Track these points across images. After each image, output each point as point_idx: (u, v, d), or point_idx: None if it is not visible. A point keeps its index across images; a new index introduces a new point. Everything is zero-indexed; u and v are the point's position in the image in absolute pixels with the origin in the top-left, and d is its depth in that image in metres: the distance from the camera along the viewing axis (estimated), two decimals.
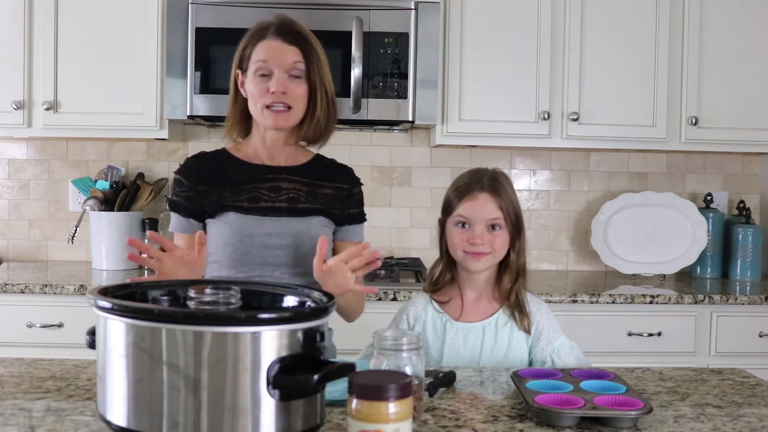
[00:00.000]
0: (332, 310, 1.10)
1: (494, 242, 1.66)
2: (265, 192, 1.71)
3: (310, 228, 1.70)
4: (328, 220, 1.75)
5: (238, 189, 1.71)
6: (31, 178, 3.17)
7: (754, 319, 2.67)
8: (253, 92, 1.67)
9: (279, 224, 1.69)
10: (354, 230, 1.80)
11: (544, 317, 1.70)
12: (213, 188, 1.71)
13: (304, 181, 1.74)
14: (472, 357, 1.67)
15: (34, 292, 2.55)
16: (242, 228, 1.68)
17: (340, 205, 1.77)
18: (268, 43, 1.67)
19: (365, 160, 3.18)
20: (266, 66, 1.66)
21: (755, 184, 3.29)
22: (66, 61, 2.79)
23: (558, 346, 1.67)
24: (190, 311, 1.07)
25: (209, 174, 1.73)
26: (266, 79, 1.66)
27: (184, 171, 1.75)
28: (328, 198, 1.75)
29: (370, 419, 0.97)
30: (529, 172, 3.24)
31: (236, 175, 1.73)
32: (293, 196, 1.72)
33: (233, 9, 2.64)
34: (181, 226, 1.73)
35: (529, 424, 1.20)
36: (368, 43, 2.67)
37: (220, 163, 1.75)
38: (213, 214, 1.70)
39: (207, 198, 1.71)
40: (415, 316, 1.75)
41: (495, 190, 1.67)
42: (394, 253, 3.19)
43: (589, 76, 2.85)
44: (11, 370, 1.46)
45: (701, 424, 1.22)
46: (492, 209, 1.66)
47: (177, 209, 1.73)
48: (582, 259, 3.25)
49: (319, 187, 1.75)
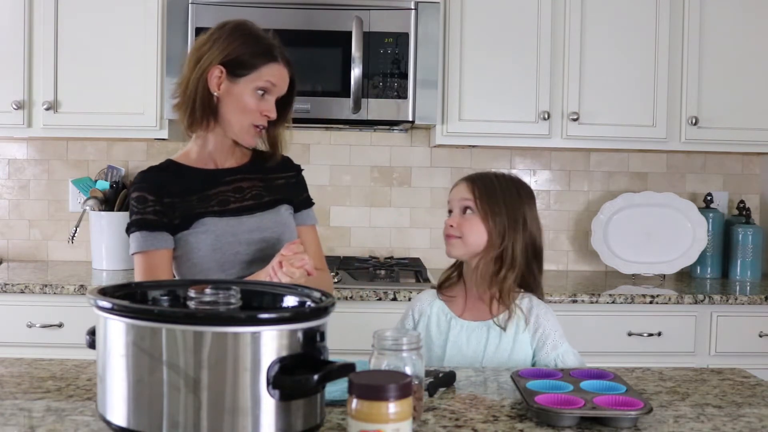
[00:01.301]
0: (332, 310, 1.10)
1: (463, 225, 1.67)
2: (231, 194, 1.74)
3: (281, 217, 1.78)
4: (290, 206, 1.82)
5: (204, 196, 1.71)
6: (31, 178, 3.17)
7: (754, 319, 2.67)
8: (247, 105, 1.68)
9: (255, 220, 1.73)
10: (307, 214, 1.87)
11: (550, 322, 1.69)
12: (178, 199, 1.69)
13: (258, 177, 1.79)
14: (475, 356, 1.66)
15: (34, 292, 2.55)
16: (224, 230, 1.69)
17: (293, 191, 1.84)
18: (279, 68, 1.71)
19: (365, 160, 3.18)
20: (273, 89, 1.70)
21: (755, 184, 3.29)
22: (66, 61, 2.79)
23: (563, 351, 1.66)
24: (190, 311, 1.07)
25: (170, 186, 1.70)
26: (263, 100, 1.69)
27: (145, 187, 1.69)
28: (283, 187, 1.82)
29: (370, 419, 0.97)
30: (529, 172, 3.24)
31: (197, 184, 1.72)
32: (256, 192, 1.77)
33: (233, 9, 2.64)
34: (152, 242, 1.65)
35: (529, 424, 1.20)
36: (368, 43, 2.67)
37: (174, 175, 1.73)
38: (186, 225, 1.68)
39: (175, 210, 1.68)
40: (420, 311, 1.76)
41: (474, 179, 1.71)
42: (394, 253, 3.19)
43: (589, 76, 2.85)
44: (11, 370, 1.46)
45: (701, 424, 1.22)
46: (463, 191, 1.69)
47: (146, 226, 1.66)
48: (582, 259, 3.25)
49: (272, 179, 1.81)
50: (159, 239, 1.66)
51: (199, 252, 1.68)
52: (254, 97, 1.68)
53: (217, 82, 1.68)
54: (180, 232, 1.68)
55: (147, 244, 1.66)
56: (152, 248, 1.66)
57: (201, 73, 1.68)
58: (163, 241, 1.67)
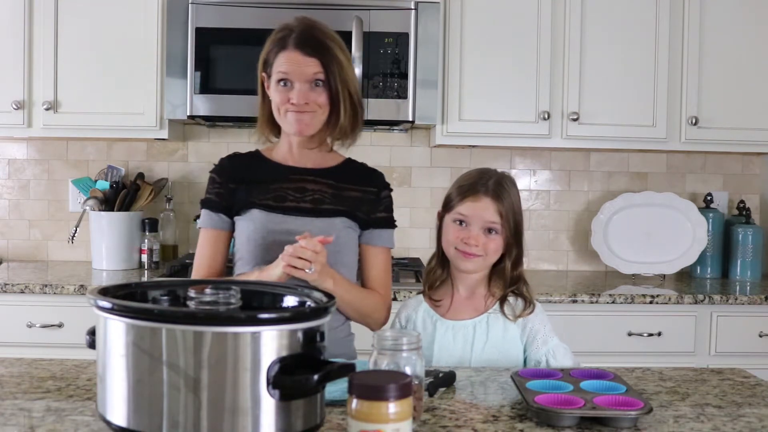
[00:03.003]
0: (332, 310, 1.10)
1: (488, 246, 1.66)
2: (291, 192, 1.74)
3: (332, 228, 1.70)
4: (353, 222, 1.75)
5: (265, 188, 1.74)
6: (31, 178, 3.17)
7: (754, 319, 2.67)
8: (276, 100, 1.70)
9: (301, 223, 1.70)
10: (379, 234, 1.79)
11: (539, 317, 1.70)
12: (243, 186, 1.75)
13: (330, 183, 1.76)
14: (463, 355, 1.67)
15: (34, 292, 2.55)
16: (264, 224, 1.71)
17: (366, 208, 1.77)
18: (289, 55, 1.67)
19: (365, 160, 3.12)
20: (287, 78, 1.68)
21: (755, 184, 3.29)
22: (66, 61, 2.79)
23: (553, 346, 1.67)
24: (190, 311, 1.07)
25: (240, 172, 1.77)
26: (288, 89, 1.68)
27: (217, 170, 1.80)
28: (354, 200, 1.76)
29: (370, 419, 0.97)
30: (529, 172, 3.24)
31: (265, 175, 1.76)
32: (318, 197, 1.74)
33: (233, 9, 2.64)
34: (211, 221, 1.77)
35: (529, 424, 1.20)
36: (368, 43, 2.67)
37: (251, 163, 1.80)
38: (240, 211, 1.74)
39: (236, 195, 1.75)
40: (407, 317, 1.77)
41: (498, 195, 1.66)
42: (394, 253, 3.18)
43: (589, 76, 2.85)
44: (11, 370, 1.46)
45: (701, 424, 1.22)
46: (491, 213, 1.65)
47: (208, 205, 1.77)
48: (582, 259, 3.25)
49: (346, 189, 1.77)
50: (216, 220, 1.76)
51: (239, 239, 1.75)
52: (278, 91, 1.69)
53: (268, 87, 1.73)
54: (235, 216, 1.76)
55: (206, 222, 1.78)
56: (209, 227, 1.77)
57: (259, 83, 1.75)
58: (221, 222, 1.76)
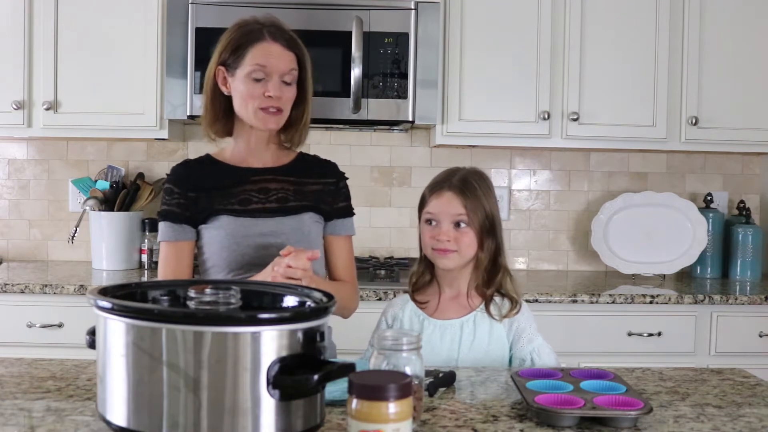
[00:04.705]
0: (332, 310, 1.10)
1: (460, 240, 1.66)
2: (255, 194, 1.73)
3: (302, 224, 1.73)
4: (318, 215, 1.77)
5: (228, 192, 1.72)
6: (31, 178, 3.17)
7: (754, 319, 2.67)
8: (245, 94, 1.67)
9: (272, 223, 1.71)
10: (342, 224, 1.82)
11: (524, 316, 1.71)
12: (203, 194, 1.72)
13: (291, 180, 1.76)
14: (450, 354, 1.68)
15: (34, 292, 2.55)
16: (236, 230, 1.69)
17: (328, 199, 1.79)
18: (267, 47, 1.66)
19: (365, 160, 3.18)
20: (264, 71, 1.65)
21: (755, 184, 3.29)
22: (66, 61, 2.79)
23: (538, 345, 1.69)
24: (190, 311, 1.07)
25: (198, 180, 1.74)
26: (261, 83, 1.66)
27: (173, 179, 1.75)
28: (316, 194, 1.78)
29: (370, 419, 0.97)
30: (529, 172, 3.24)
31: (224, 179, 1.74)
32: (282, 195, 1.74)
33: (233, 9, 2.64)
34: (174, 233, 1.72)
35: (529, 424, 1.21)
36: (368, 43, 2.67)
37: (206, 169, 1.76)
38: (205, 219, 1.71)
39: (198, 204, 1.72)
40: (393, 316, 1.77)
41: (462, 189, 1.68)
42: (394, 253, 3.19)
43: (589, 76, 2.85)
44: (11, 370, 1.46)
45: (701, 424, 1.22)
46: (456, 206, 1.66)
47: (169, 218, 1.72)
48: (582, 259, 3.25)
49: (306, 184, 1.78)
50: (180, 231, 1.72)
51: (210, 248, 1.72)
52: (249, 85, 1.66)
53: (223, 83, 1.70)
54: (200, 225, 1.73)
55: (169, 235, 1.73)
56: (173, 239, 1.72)
57: (210, 78, 1.71)
58: (184, 233, 1.72)
